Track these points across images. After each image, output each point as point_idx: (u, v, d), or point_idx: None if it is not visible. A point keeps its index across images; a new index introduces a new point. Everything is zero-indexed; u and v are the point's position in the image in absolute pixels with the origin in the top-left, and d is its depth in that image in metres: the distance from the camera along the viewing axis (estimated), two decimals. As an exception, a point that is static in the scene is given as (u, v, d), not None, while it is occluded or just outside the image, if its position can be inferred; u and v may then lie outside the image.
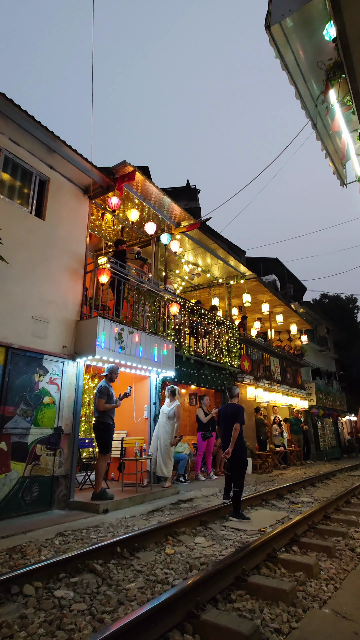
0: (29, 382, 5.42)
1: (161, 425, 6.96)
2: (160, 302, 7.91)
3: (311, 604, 2.62)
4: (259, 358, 12.62)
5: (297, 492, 7.27)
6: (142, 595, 2.69)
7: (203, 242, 10.01)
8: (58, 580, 2.92)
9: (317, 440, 16.23)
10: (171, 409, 6.99)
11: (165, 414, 6.99)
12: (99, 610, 2.48)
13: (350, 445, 20.35)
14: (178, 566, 3.26)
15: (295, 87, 4.16)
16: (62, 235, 6.38)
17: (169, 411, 6.99)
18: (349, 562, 3.49)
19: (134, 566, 3.25)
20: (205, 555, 3.56)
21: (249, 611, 2.48)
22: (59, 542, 3.92)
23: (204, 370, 9.42)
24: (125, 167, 6.75)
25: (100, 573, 3.05)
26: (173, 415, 6.95)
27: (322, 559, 3.53)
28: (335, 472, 10.59)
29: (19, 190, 5.96)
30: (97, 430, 5.74)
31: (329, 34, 3.56)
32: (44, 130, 5.84)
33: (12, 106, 5.36)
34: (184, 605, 2.35)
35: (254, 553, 3.25)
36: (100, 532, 4.32)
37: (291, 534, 3.99)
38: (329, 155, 5.09)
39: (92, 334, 6.00)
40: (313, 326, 19.90)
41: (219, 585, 2.73)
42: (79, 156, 6.38)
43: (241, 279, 11.86)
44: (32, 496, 5.17)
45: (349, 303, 37.01)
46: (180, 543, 3.95)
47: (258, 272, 15.59)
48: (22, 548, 3.66)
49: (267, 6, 3.39)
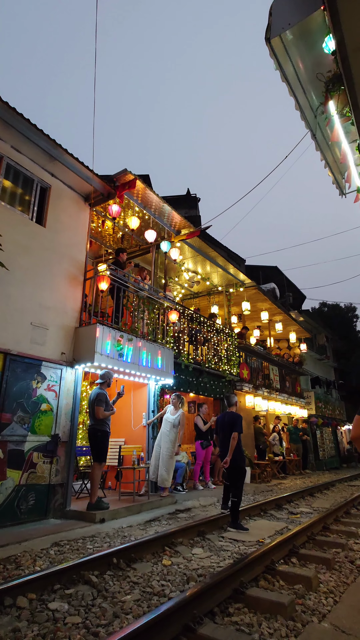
0: (27, 389, 5.39)
1: (164, 433, 6.88)
2: (160, 310, 7.91)
3: (310, 618, 2.57)
4: (258, 366, 12.59)
5: (296, 502, 7.19)
6: (138, 607, 2.64)
7: (203, 250, 10.05)
8: (53, 591, 2.87)
9: (316, 450, 16.12)
10: (176, 417, 6.93)
11: (169, 422, 6.91)
12: (94, 623, 2.43)
13: (350, 454, 20.20)
14: (175, 578, 3.21)
15: (295, 98, 4.21)
16: (62, 242, 6.40)
17: (174, 419, 6.92)
18: (349, 574, 3.44)
19: (130, 578, 3.20)
20: (202, 566, 3.50)
21: (247, 625, 2.43)
22: (54, 552, 3.86)
23: (202, 378, 9.39)
24: (126, 175, 6.80)
25: (95, 585, 3.00)
26: (178, 423, 6.91)
27: (322, 571, 3.48)
28: (335, 482, 10.50)
29: (21, 197, 5.99)
30: (94, 437, 5.67)
31: (328, 46, 3.62)
32: (46, 138, 5.89)
33: (15, 114, 5.42)
34: (180, 619, 2.31)
35: (252, 565, 3.20)
36: (96, 542, 4.26)
37: (290, 545, 3.94)
38: (328, 166, 5.13)
39: (91, 340, 5.99)
40: (312, 335, 19.90)
41: (217, 598, 2.68)
42: (80, 164, 6.43)
43: (241, 287, 11.89)
44: (27, 505, 5.11)
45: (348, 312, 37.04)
46: (177, 554, 3.89)
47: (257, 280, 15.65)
48: (17, 558, 3.60)
49: (267, 20, 3.44)
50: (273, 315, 14.21)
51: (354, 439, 1.80)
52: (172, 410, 7.01)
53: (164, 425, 6.93)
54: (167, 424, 6.91)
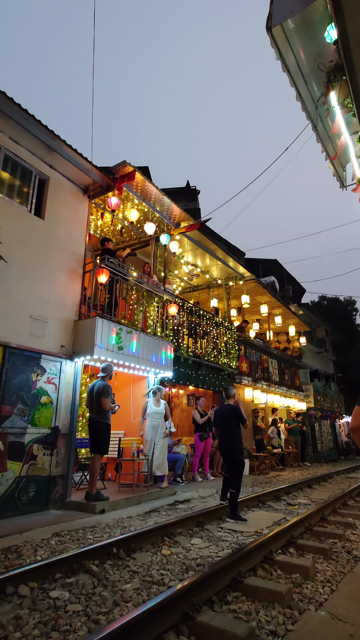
0: (27, 382, 5.41)
1: (157, 426, 6.91)
2: (159, 303, 7.90)
3: (307, 606, 2.61)
4: (257, 359, 12.62)
5: (294, 494, 7.26)
6: (138, 596, 2.68)
7: (202, 242, 10.02)
8: (54, 580, 2.91)
9: (315, 442, 16.24)
10: (162, 408, 7.05)
11: (159, 414, 6.97)
12: (95, 611, 2.47)
13: (348, 447, 20.36)
14: (174, 567, 3.25)
15: (296, 88, 4.16)
16: (61, 234, 6.37)
17: (164, 411, 7.06)
18: (345, 564, 3.49)
19: (130, 567, 3.24)
20: (201, 556, 3.55)
21: (245, 613, 2.47)
22: (55, 543, 3.90)
23: (202, 371, 9.41)
24: (125, 167, 6.75)
25: (96, 574, 3.04)
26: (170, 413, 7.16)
27: (319, 561, 3.53)
28: (333, 474, 10.59)
29: (19, 189, 5.95)
30: (97, 430, 5.69)
31: (330, 36, 3.57)
32: (44, 129, 5.83)
33: (13, 105, 5.35)
34: (179, 607, 2.35)
35: (250, 555, 3.25)
36: (96, 532, 4.31)
37: (288, 535, 3.99)
38: (329, 157, 5.10)
39: (90, 333, 5.99)
40: (312, 328, 19.92)
41: (215, 586, 2.72)
42: (79, 156, 6.37)
43: (240, 280, 11.87)
44: (28, 496, 5.15)
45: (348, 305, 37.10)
46: (176, 544, 3.94)
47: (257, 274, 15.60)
48: (18, 548, 3.64)
49: (269, 8, 3.39)
50: (272, 309, 14.20)
51: (353, 430, 1.81)
52: (155, 402, 7.04)
53: (154, 418, 6.89)
54: (158, 415, 6.94)
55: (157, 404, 7.03)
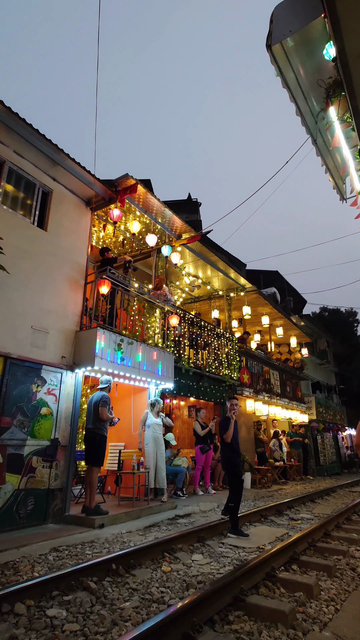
0: (27, 393, 5.38)
1: (158, 437, 6.84)
2: (161, 314, 7.90)
3: (311, 627, 2.54)
4: (259, 371, 12.56)
5: (297, 508, 7.14)
6: (137, 615, 2.61)
7: (204, 254, 10.07)
8: (51, 598, 2.84)
9: (317, 455, 16.04)
10: (161, 419, 7.03)
11: (159, 425, 6.93)
12: (92, 631, 2.40)
13: (351, 460, 20.09)
14: (174, 585, 3.18)
15: (295, 104, 4.23)
16: (63, 245, 6.41)
17: (166, 421, 7.08)
18: (350, 582, 3.41)
19: (129, 584, 3.17)
20: (202, 573, 3.47)
21: (247, 633, 2.41)
22: (52, 558, 3.83)
23: (203, 382, 9.36)
24: (127, 180, 6.83)
25: (94, 591, 2.97)
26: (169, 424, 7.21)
27: (323, 579, 3.44)
28: (336, 487, 10.43)
29: (22, 201, 6.02)
30: (93, 441, 5.65)
31: (328, 53, 3.64)
32: (48, 143, 5.92)
33: (17, 119, 5.45)
34: (180, 627, 2.28)
35: (252, 572, 3.17)
36: (95, 547, 4.23)
37: (291, 552, 3.90)
38: (329, 171, 5.15)
39: (91, 344, 5.98)
40: (313, 339, 19.86)
41: (217, 605, 2.66)
42: (82, 169, 6.46)
43: (241, 292, 11.89)
44: (26, 509, 5.08)
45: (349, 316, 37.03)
46: (177, 560, 3.86)
47: (258, 285, 15.63)
48: (15, 564, 3.57)
49: (269, 27, 3.47)
50: (274, 320, 14.19)
51: (357, 446, 1.79)
52: (154, 414, 6.98)
53: (155, 429, 6.82)
54: (158, 427, 6.89)
55: (155, 415, 6.98)
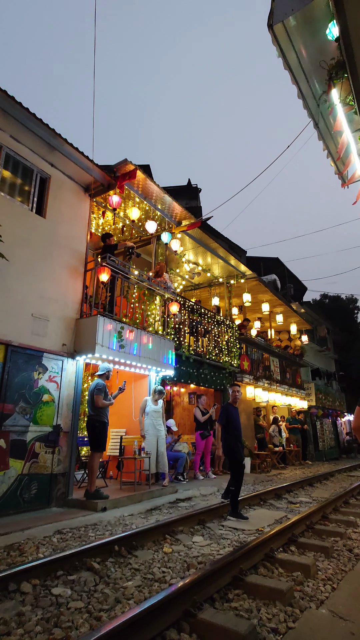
0: (29, 380, 5.42)
1: (160, 424, 6.93)
2: (161, 302, 7.90)
3: (308, 604, 2.62)
4: (259, 358, 12.61)
5: (296, 492, 7.27)
6: (140, 593, 2.69)
7: (204, 241, 10.00)
8: (56, 578, 2.93)
9: (316, 441, 16.23)
10: (160, 406, 7.10)
11: (160, 412, 7.01)
12: (96, 608, 2.48)
13: (349, 445, 20.35)
14: (176, 565, 3.26)
15: (297, 86, 4.14)
16: (62, 233, 6.37)
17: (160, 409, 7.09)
18: (347, 562, 3.50)
19: (131, 564, 3.26)
20: (203, 554, 3.56)
21: (246, 610, 2.48)
22: (57, 540, 3.92)
23: (203, 369, 9.42)
24: (126, 165, 6.74)
25: (97, 571, 3.05)
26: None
27: (320, 559, 3.53)
28: (334, 472, 10.60)
29: (20, 187, 5.95)
30: (93, 427, 5.73)
31: (331, 33, 3.55)
32: (46, 128, 5.82)
33: (14, 103, 5.35)
34: (181, 604, 2.35)
35: (251, 552, 3.25)
36: (98, 530, 4.33)
37: (289, 534, 3.99)
38: (331, 155, 5.07)
39: (91, 332, 6.00)
40: (313, 326, 19.88)
41: (217, 584, 2.73)
42: (80, 154, 6.37)
43: (241, 279, 11.86)
44: (30, 494, 5.17)
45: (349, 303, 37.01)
46: (178, 542, 3.95)
47: (258, 272, 15.58)
48: (20, 545, 3.66)
49: (270, 5, 3.37)
50: (274, 307, 14.18)
51: (355, 429, 1.82)
52: (153, 401, 7.04)
53: (154, 416, 6.90)
54: (157, 414, 6.96)
55: (156, 402, 7.04)
